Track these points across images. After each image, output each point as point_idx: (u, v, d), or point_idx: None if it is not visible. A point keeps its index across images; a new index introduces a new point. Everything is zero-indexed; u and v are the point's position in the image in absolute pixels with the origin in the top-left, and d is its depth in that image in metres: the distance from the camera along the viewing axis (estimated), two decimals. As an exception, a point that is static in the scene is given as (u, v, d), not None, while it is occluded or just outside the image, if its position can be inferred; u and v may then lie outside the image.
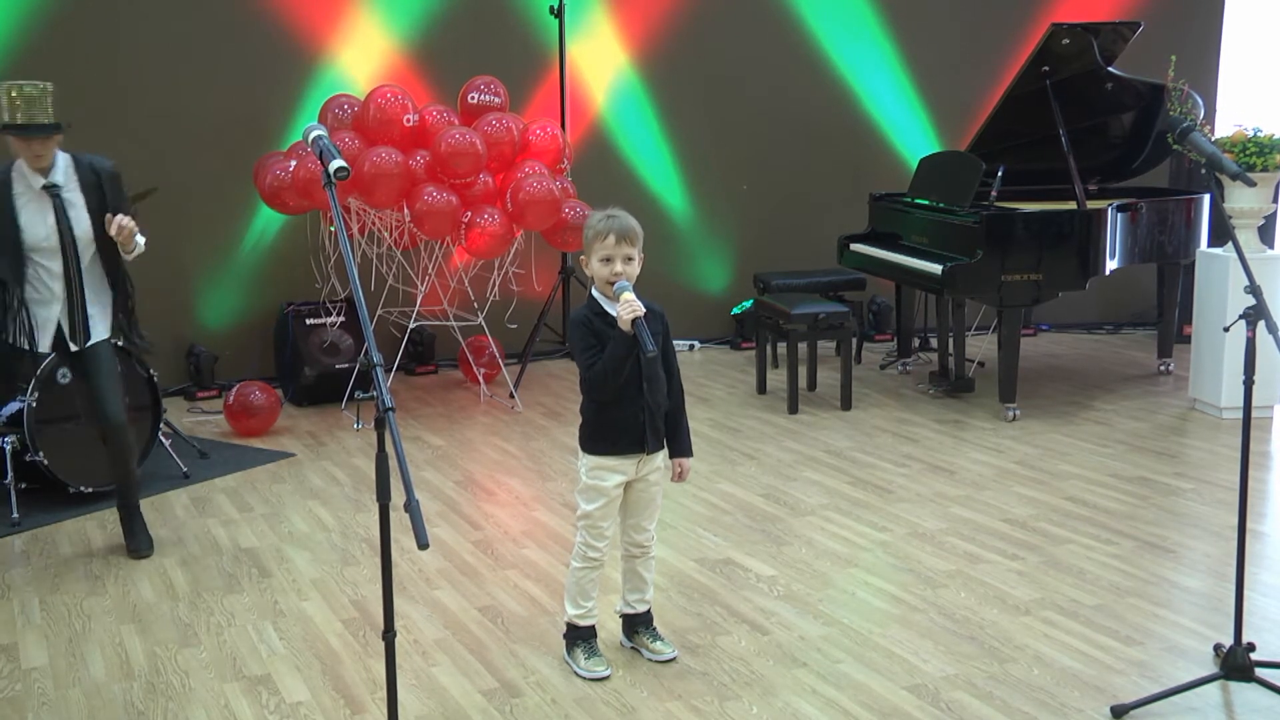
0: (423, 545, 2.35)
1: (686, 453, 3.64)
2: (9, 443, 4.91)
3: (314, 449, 5.96)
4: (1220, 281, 6.23)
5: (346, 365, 6.75)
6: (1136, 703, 3.28)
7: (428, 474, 5.52)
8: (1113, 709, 3.28)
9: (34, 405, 4.86)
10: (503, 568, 4.39)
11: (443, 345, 7.51)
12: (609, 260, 3.41)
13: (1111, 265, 6.28)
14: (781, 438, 6.07)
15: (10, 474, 4.92)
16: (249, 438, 6.14)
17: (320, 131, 2.89)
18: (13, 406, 4.97)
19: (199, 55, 6.88)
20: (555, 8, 7.19)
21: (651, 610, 3.72)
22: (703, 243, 8.24)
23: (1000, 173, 6.54)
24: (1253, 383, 3.34)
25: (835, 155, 8.26)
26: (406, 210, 6.30)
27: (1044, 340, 8.39)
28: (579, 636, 3.60)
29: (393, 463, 2.49)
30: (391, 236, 6.58)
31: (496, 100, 6.73)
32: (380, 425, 2.49)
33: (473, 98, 6.72)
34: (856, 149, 8.31)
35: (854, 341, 6.88)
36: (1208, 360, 6.33)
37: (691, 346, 8.18)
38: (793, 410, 6.50)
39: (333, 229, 6.68)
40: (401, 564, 4.39)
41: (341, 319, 6.90)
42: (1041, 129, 6.60)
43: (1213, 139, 6.27)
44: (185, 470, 5.47)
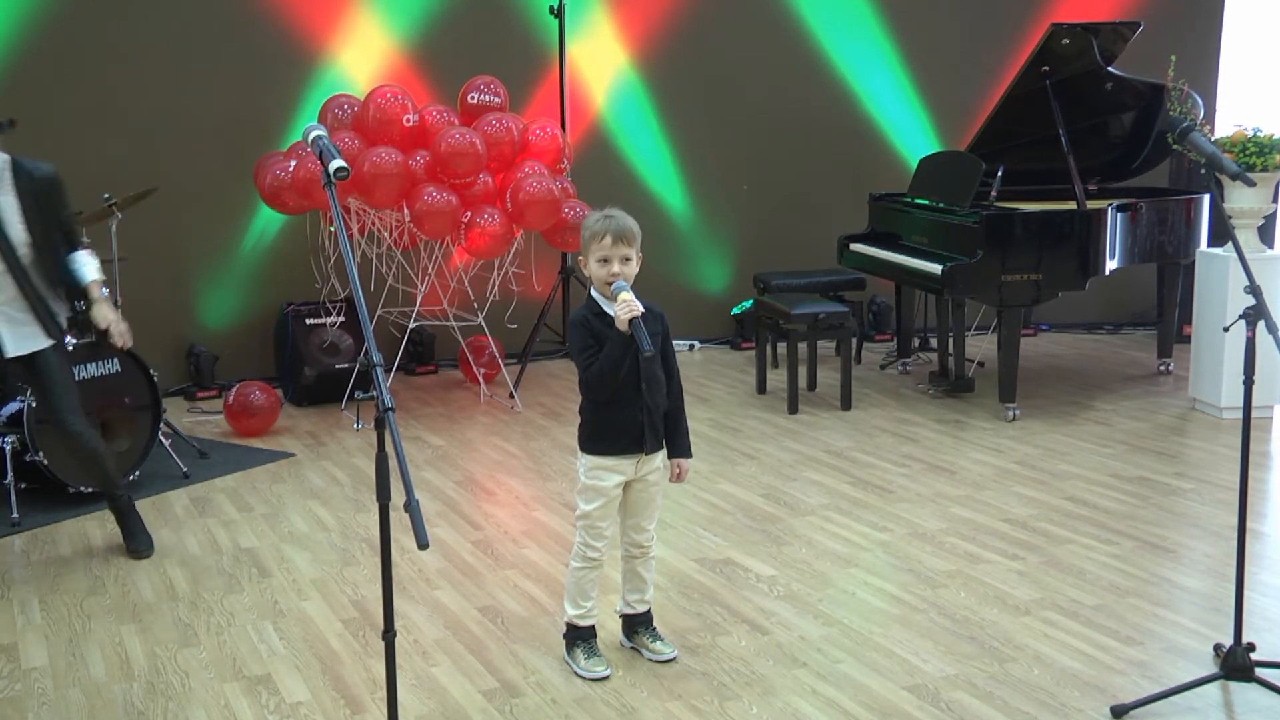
0: (423, 545, 2.35)
1: (685, 453, 3.64)
2: (9, 443, 4.91)
3: (314, 449, 5.97)
4: (1220, 281, 6.23)
5: (346, 365, 6.75)
6: (1136, 703, 3.28)
7: (428, 474, 5.52)
8: (1113, 709, 3.28)
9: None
10: (503, 568, 4.39)
11: (443, 345, 7.51)
12: (606, 261, 3.41)
13: (1111, 265, 6.28)
14: (781, 438, 6.07)
15: (10, 474, 4.92)
16: (249, 438, 6.14)
17: (320, 131, 2.89)
18: (12, 406, 4.97)
19: (199, 55, 6.88)
20: (555, 8, 7.20)
21: (651, 610, 3.72)
22: (703, 243, 8.24)
23: (1000, 173, 6.54)
24: (1253, 383, 3.34)
25: (835, 155, 8.26)
26: (406, 210, 6.30)
27: (1044, 340, 8.39)
28: (579, 636, 3.60)
29: (393, 463, 2.49)
30: (391, 236, 6.58)
31: (496, 100, 6.73)
32: (380, 425, 2.49)
33: (473, 98, 6.72)
34: (856, 149, 8.31)
35: (854, 341, 6.88)
36: (1208, 360, 6.33)
37: (691, 346, 8.18)
38: (793, 410, 6.50)
39: (333, 229, 6.68)
40: (401, 564, 4.39)
41: (341, 319, 6.90)
42: (1041, 129, 6.60)
43: (1212, 139, 6.27)
44: (185, 470, 5.47)
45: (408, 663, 3.63)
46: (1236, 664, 3.38)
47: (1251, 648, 3.42)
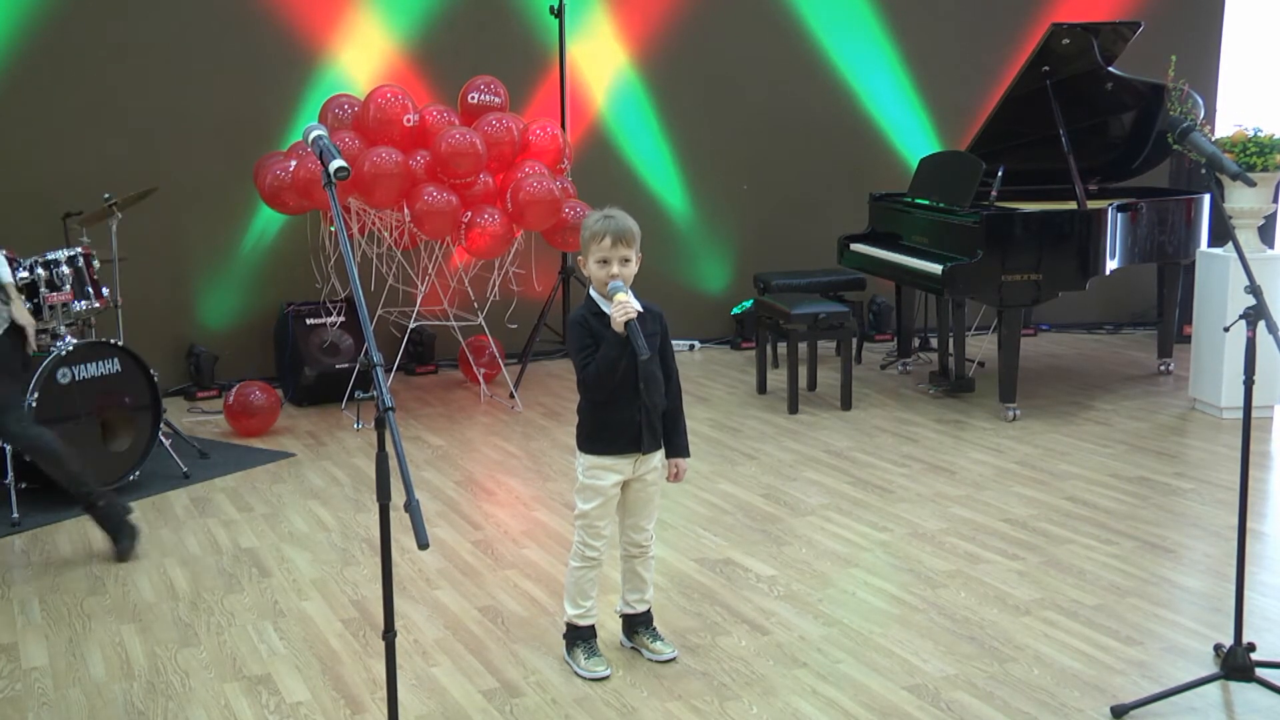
0: (423, 545, 2.35)
1: (683, 453, 3.64)
2: (9, 443, 4.92)
3: (314, 449, 5.96)
4: (1220, 281, 6.23)
5: (346, 365, 6.75)
6: (1137, 703, 3.28)
7: (428, 474, 5.52)
8: (1113, 709, 3.28)
9: (34, 405, 4.86)
10: (503, 568, 4.39)
11: (443, 345, 7.51)
12: (605, 262, 3.42)
13: (1111, 265, 6.28)
14: (782, 438, 6.07)
15: (10, 474, 4.92)
16: (249, 438, 6.14)
17: (320, 131, 2.89)
18: (13, 406, 4.98)
19: (199, 55, 6.88)
20: (555, 8, 7.19)
21: (651, 610, 3.72)
22: (703, 243, 8.24)
23: (1000, 173, 6.54)
24: (1253, 383, 3.34)
25: (835, 155, 8.26)
26: (406, 210, 6.30)
27: (1044, 340, 8.39)
28: (579, 636, 3.59)
29: (393, 463, 2.49)
30: (391, 236, 6.58)
31: (496, 100, 6.73)
32: (380, 425, 2.49)
33: (473, 98, 6.72)
34: (857, 149, 8.31)
35: (854, 341, 6.87)
36: (1208, 360, 6.33)
37: (692, 346, 8.18)
38: (793, 410, 6.50)
39: (333, 229, 6.68)
40: (402, 564, 4.39)
41: (341, 319, 6.90)
42: (1042, 129, 6.60)
43: (1213, 139, 6.27)
44: (185, 470, 5.47)
45: (408, 663, 3.63)
46: (1237, 664, 3.38)
47: (1252, 648, 3.42)
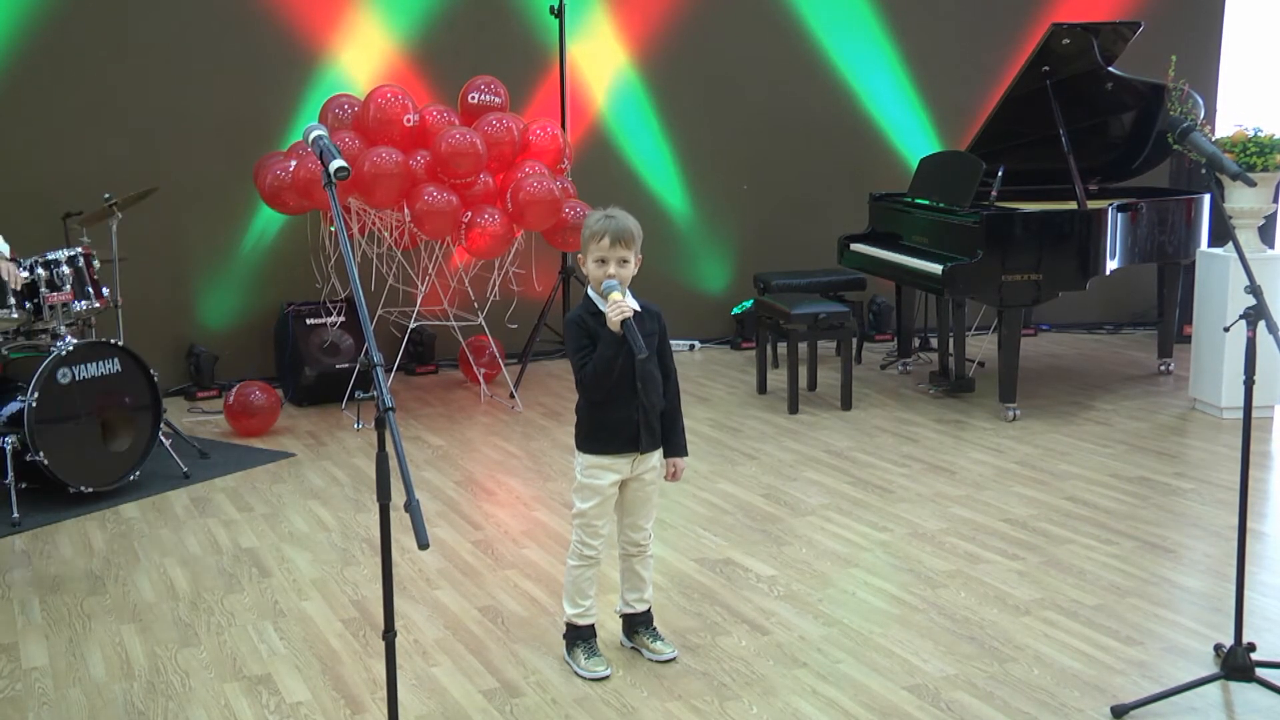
0: (423, 545, 2.35)
1: (681, 453, 3.64)
2: (9, 443, 4.91)
3: (314, 449, 5.96)
4: (1220, 281, 6.22)
5: (347, 365, 6.75)
6: (1137, 703, 3.28)
7: (428, 474, 5.52)
8: (1113, 709, 3.28)
9: (34, 405, 4.86)
10: (503, 568, 4.39)
11: (443, 345, 7.51)
12: (603, 262, 3.42)
13: (1112, 265, 6.28)
14: (782, 438, 6.07)
15: (10, 474, 4.92)
16: (249, 438, 6.13)
17: (320, 131, 2.89)
18: (13, 406, 4.97)
19: (199, 55, 6.88)
20: (555, 8, 7.19)
21: (651, 610, 3.72)
22: (703, 243, 8.24)
23: (1000, 173, 6.54)
24: (1253, 383, 3.34)
25: (835, 155, 8.26)
26: (407, 210, 6.30)
27: (1044, 340, 8.39)
28: (579, 636, 3.60)
29: (393, 463, 2.49)
30: (392, 236, 6.58)
31: (497, 100, 6.73)
32: (380, 425, 2.49)
33: (473, 98, 6.72)
34: (857, 149, 8.31)
35: (854, 341, 6.87)
36: (1208, 360, 6.32)
37: (692, 346, 8.18)
38: (793, 410, 6.50)
39: (333, 229, 6.68)
40: (402, 564, 4.38)
41: (342, 319, 6.89)
42: (1042, 129, 6.60)
43: (1213, 139, 6.28)
44: (185, 470, 5.47)
45: (408, 663, 3.63)
46: (1237, 664, 3.38)
47: (1252, 648, 3.42)
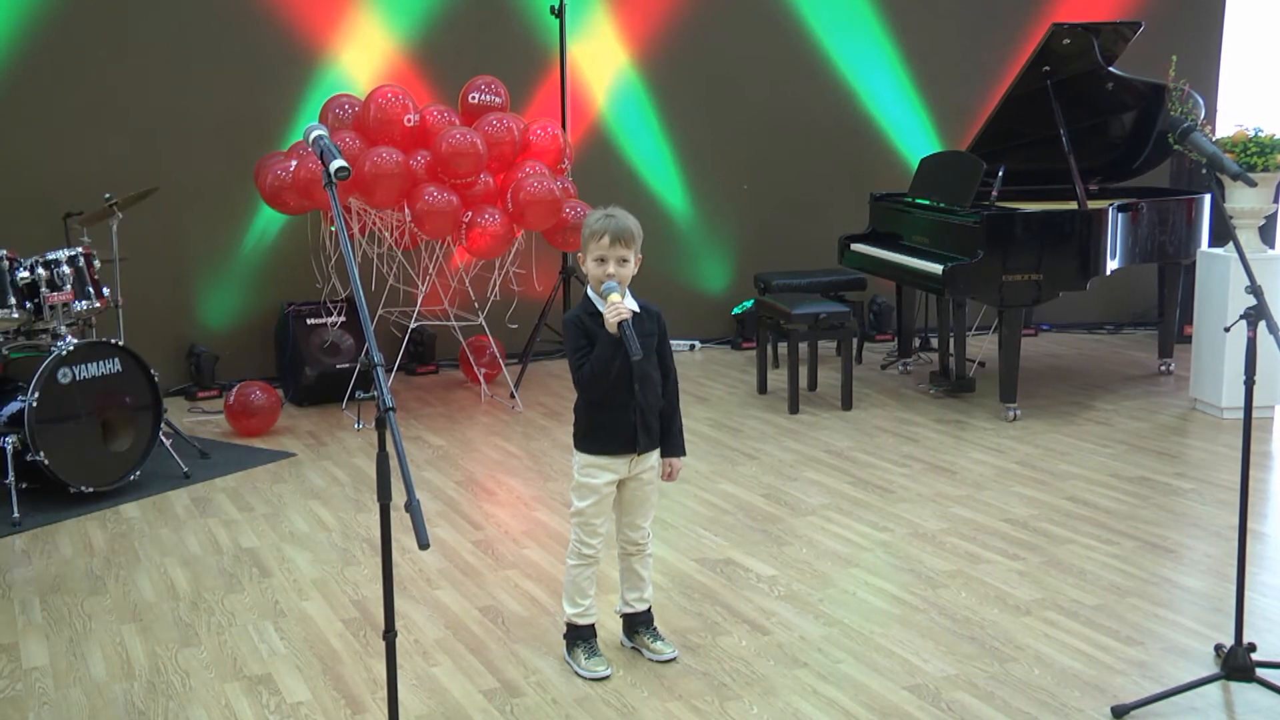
0: (423, 545, 2.35)
1: (678, 453, 3.64)
2: (10, 442, 4.91)
3: (315, 449, 5.96)
4: (1221, 281, 6.22)
5: (347, 365, 6.75)
6: (1137, 703, 3.28)
7: (428, 474, 5.52)
8: (1113, 709, 3.28)
9: (34, 405, 4.86)
10: (503, 568, 4.39)
11: (443, 345, 7.51)
12: (603, 261, 3.42)
13: (1112, 265, 6.28)
14: (782, 438, 6.07)
15: (11, 474, 4.92)
16: (250, 438, 6.14)
17: (321, 131, 2.89)
18: (13, 406, 4.98)
19: (200, 55, 6.88)
20: (556, 8, 7.19)
21: (652, 610, 3.72)
22: (703, 243, 8.24)
23: (1001, 173, 6.54)
24: (1253, 383, 3.34)
25: (836, 155, 8.26)
26: (407, 210, 6.30)
27: (1045, 340, 8.39)
28: (579, 636, 3.60)
29: (393, 462, 2.49)
30: (392, 236, 6.58)
31: (497, 100, 6.73)
32: (381, 425, 2.49)
33: (473, 98, 6.72)
34: (857, 149, 8.31)
35: (855, 341, 6.87)
36: (1208, 360, 6.32)
37: (692, 346, 8.18)
38: (793, 410, 6.50)
39: (333, 229, 6.68)
40: (402, 564, 4.38)
41: (342, 319, 6.90)
42: (1042, 129, 6.59)
43: (1213, 139, 6.27)
44: (186, 470, 5.47)
45: (408, 663, 3.63)
46: (1237, 664, 3.38)
47: (1252, 648, 3.42)
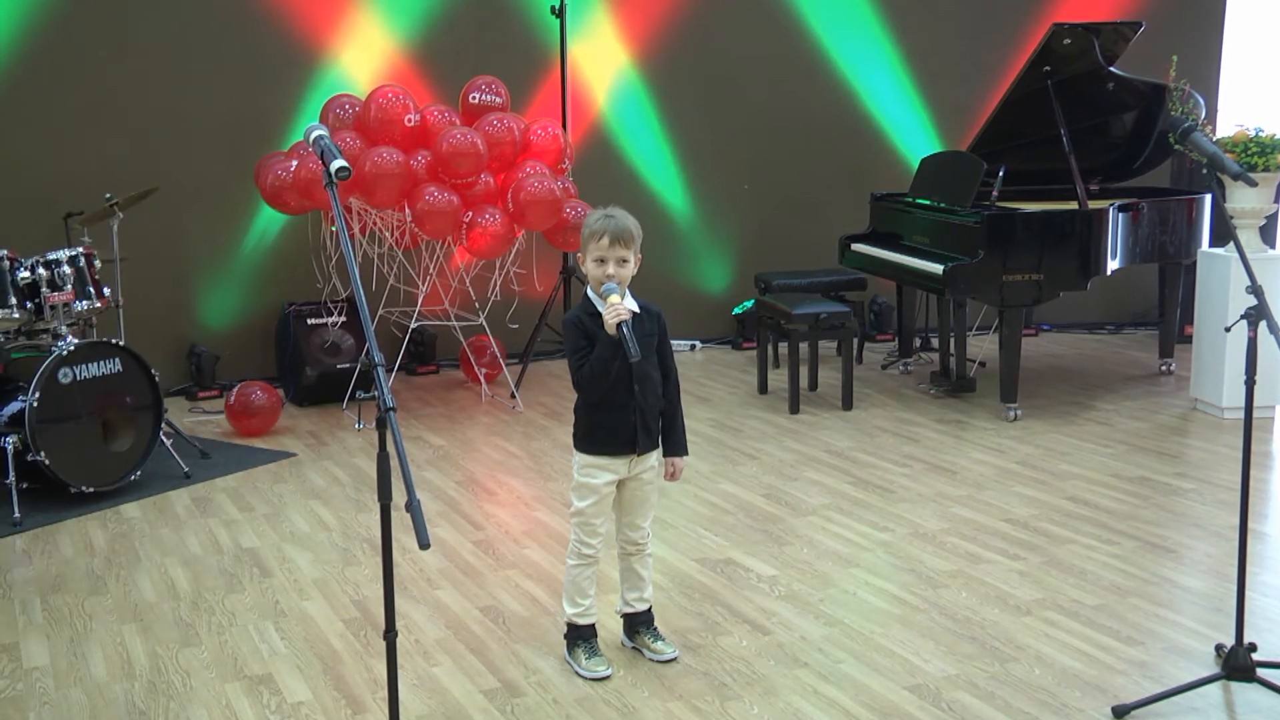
0: (424, 545, 2.35)
1: (680, 452, 3.64)
2: (10, 442, 4.91)
3: (315, 449, 5.96)
4: (1221, 281, 6.22)
5: (348, 365, 6.75)
6: (1138, 703, 3.28)
7: (429, 474, 5.52)
8: (1114, 709, 3.28)
9: (35, 405, 4.86)
10: (504, 567, 4.39)
11: (444, 345, 7.51)
12: (603, 261, 3.42)
13: (1113, 265, 6.28)
14: (783, 437, 6.06)
15: (11, 474, 4.92)
16: (250, 437, 6.14)
17: (321, 131, 2.89)
18: (14, 406, 4.98)
19: (200, 55, 6.88)
20: (556, 8, 7.19)
21: (652, 610, 3.72)
22: (704, 243, 8.24)
23: (1002, 173, 6.54)
24: (1254, 383, 3.34)
25: (836, 155, 8.26)
26: (408, 210, 6.30)
27: (1045, 340, 8.39)
28: (579, 636, 3.60)
29: (394, 462, 2.49)
30: (393, 236, 6.58)
31: (498, 100, 6.73)
32: (381, 425, 2.49)
33: (474, 98, 6.72)
34: (857, 149, 8.31)
35: (855, 341, 6.87)
36: (1209, 360, 6.32)
37: (693, 346, 8.18)
38: (794, 410, 6.50)
39: (334, 229, 6.68)
40: (403, 564, 4.38)
41: (343, 319, 6.90)
42: (1043, 129, 6.59)
43: (1214, 139, 6.27)
44: (186, 470, 5.47)
45: (409, 663, 3.63)
46: (1238, 664, 3.37)
47: (1253, 648, 3.42)
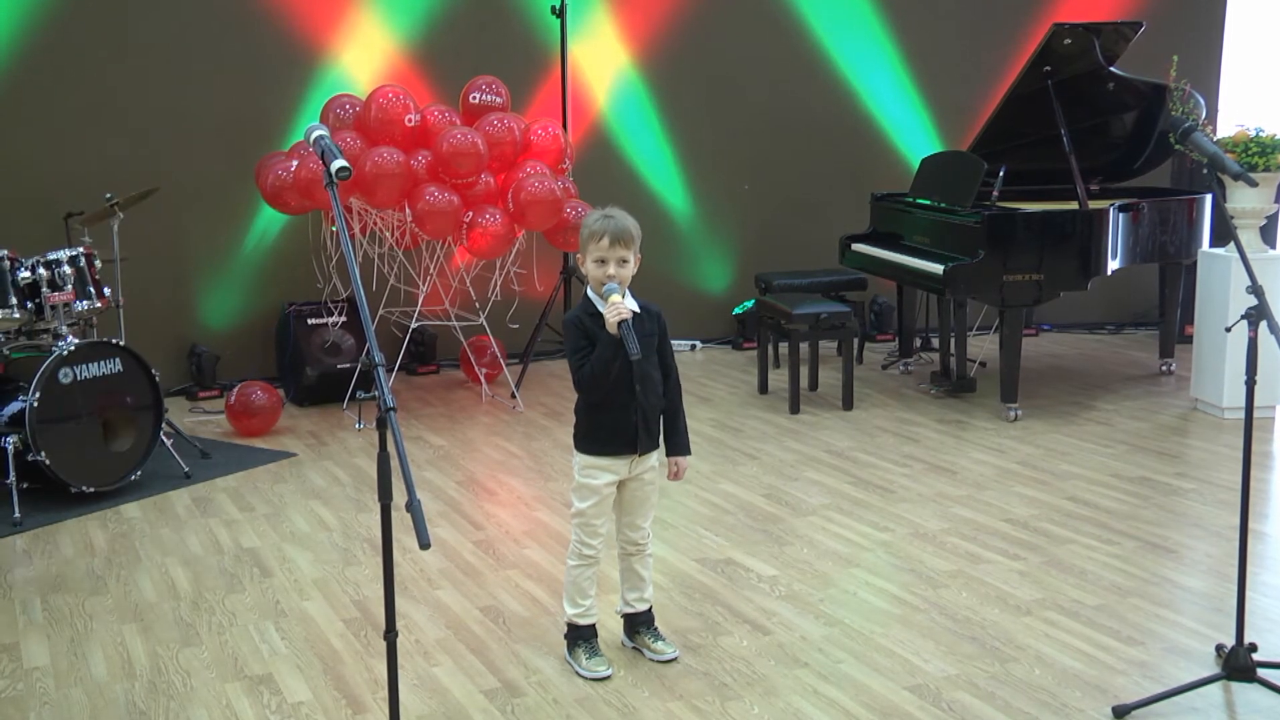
0: (424, 545, 2.35)
1: (684, 451, 3.64)
2: (11, 442, 4.91)
3: (315, 449, 5.97)
4: (1222, 282, 6.22)
5: (348, 365, 6.75)
6: (1138, 703, 3.28)
7: (429, 474, 5.52)
8: (1114, 709, 3.28)
9: (35, 405, 4.86)
10: (504, 567, 4.39)
11: (444, 345, 7.51)
12: (603, 262, 3.42)
13: (1113, 265, 6.28)
14: (783, 437, 6.06)
15: (12, 474, 4.92)
16: (250, 438, 6.14)
17: (322, 131, 2.89)
18: (14, 406, 4.98)
19: (200, 55, 6.89)
20: (557, 8, 7.19)
21: (652, 610, 3.72)
22: (704, 243, 8.24)
23: (1002, 173, 6.54)
24: (1254, 383, 3.33)
25: (837, 155, 8.26)
26: (408, 210, 6.30)
27: (1045, 340, 8.39)
28: (580, 636, 3.60)
29: (394, 462, 2.49)
30: (393, 236, 6.58)
31: (498, 100, 6.73)
32: (382, 425, 2.49)
33: (474, 98, 6.72)
34: (858, 149, 8.31)
35: (855, 341, 6.88)
36: (1209, 360, 6.32)
37: (693, 346, 8.18)
38: (794, 410, 6.50)
39: (334, 229, 6.68)
40: (403, 564, 4.39)
41: (343, 319, 6.90)
42: (1043, 129, 6.59)
43: (1214, 139, 6.27)
44: (187, 470, 5.47)
45: (409, 662, 3.63)
46: (1238, 664, 3.37)
47: (1253, 648, 3.41)
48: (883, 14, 8.25)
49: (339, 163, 2.74)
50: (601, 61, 7.82)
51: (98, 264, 5.50)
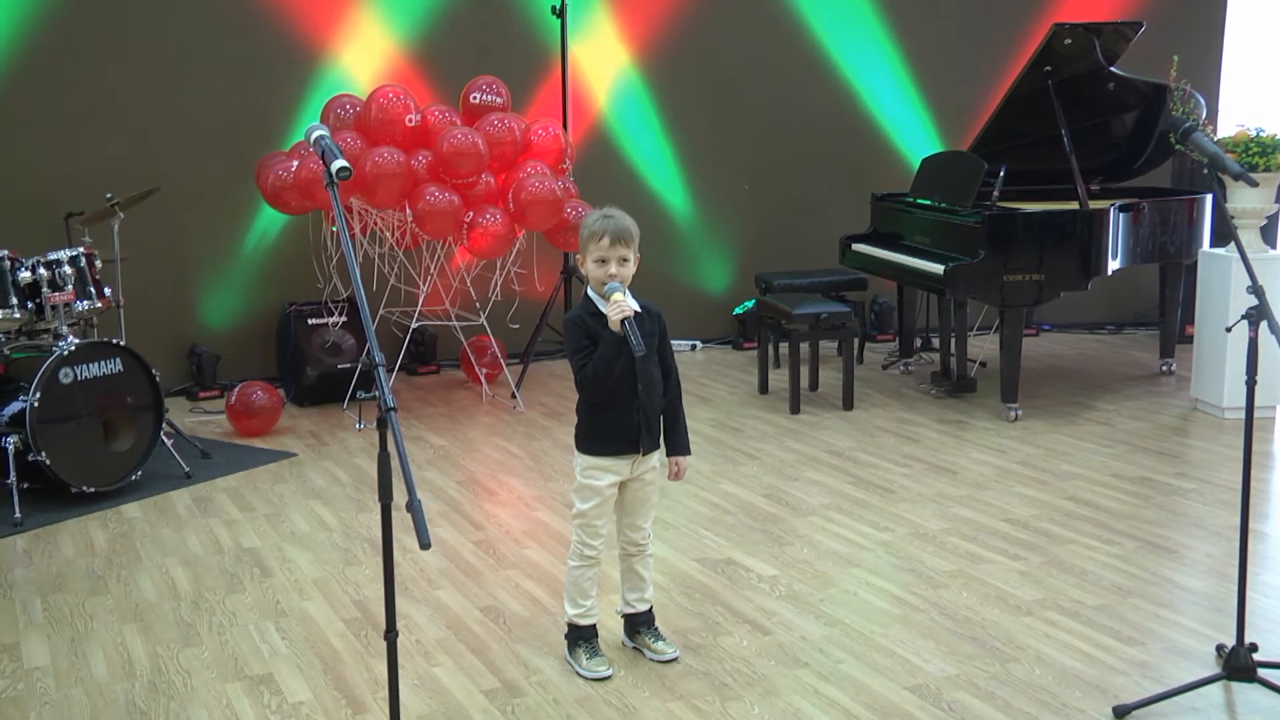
0: (424, 545, 2.35)
1: (684, 451, 3.64)
2: (11, 442, 4.91)
3: (316, 449, 5.97)
4: (1222, 282, 6.22)
5: (348, 365, 6.75)
6: (1139, 703, 3.28)
7: (430, 474, 5.53)
8: (1115, 709, 3.28)
9: (36, 405, 4.86)
10: (504, 568, 4.39)
11: (444, 345, 7.51)
12: (604, 262, 3.42)
13: (1113, 265, 6.28)
14: (783, 438, 6.06)
15: (12, 474, 4.92)
16: (251, 438, 6.14)
17: (322, 131, 2.89)
18: (14, 406, 4.98)
19: (200, 55, 6.89)
20: (557, 8, 7.19)
21: (653, 610, 3.72)
22: (704, 243, 8.24)
23: (1002, 173, 6.54)
24: (1255, 383, 3.33)
25: (837, 155, 8.26)
26: (408, 210, 6.30)
27: (1046, 340, 8.39)
28: (580, 636, 3.60)
29: (395, 462, 2.49)
30: (393, 236, 6.58)
31: (498, 100, 6.73)
32: (382, 425, 2.49)
33: (475, 98, 6.72)
34: (858, 149, 8.31)
35: (856, 341, 6.88)
36: (1210, 360, 6.32)
37: (693, 346, 8.18)
38: (794, 410, 6.50)
39: (335, 229, 6.68)
40: (403, 564, 4.39)
41: (343, 319, 6.90)
42: (1044, 129, 6.59)
43: (1215, 139, 6.27)
44: (187, 470, 5.47)
45: (409, 663, 3.63)
46: (1239, 664, 3.37)
47: (1254, 648, 3.41)
48: (883, 14, 8.25)
49: (339, 163, 2.74)
50: (602, 61, 7.82)
51: (98, 264, 5.50)
